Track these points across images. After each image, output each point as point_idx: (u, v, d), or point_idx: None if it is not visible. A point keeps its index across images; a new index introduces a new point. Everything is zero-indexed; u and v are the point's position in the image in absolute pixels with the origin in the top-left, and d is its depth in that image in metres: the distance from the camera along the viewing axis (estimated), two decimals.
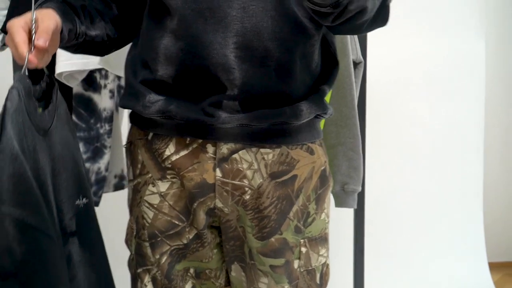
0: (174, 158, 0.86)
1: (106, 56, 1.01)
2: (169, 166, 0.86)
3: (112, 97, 1.34)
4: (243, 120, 0.81)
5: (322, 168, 0.88)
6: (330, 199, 0.90)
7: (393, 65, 2.28)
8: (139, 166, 0.89)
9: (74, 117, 1.30)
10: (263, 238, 0.86)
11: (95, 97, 1.31)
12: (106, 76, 1.32)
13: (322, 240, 0.89)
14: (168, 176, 0.86)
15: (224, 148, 0.84)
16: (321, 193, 0.88)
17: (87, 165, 1.30)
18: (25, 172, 0.70)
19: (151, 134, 0.87)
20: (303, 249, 0.87)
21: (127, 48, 0.95)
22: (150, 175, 0.88)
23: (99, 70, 1.29)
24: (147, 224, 0.88)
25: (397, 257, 2.35)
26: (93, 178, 1.32)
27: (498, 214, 2.76)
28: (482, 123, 2.54)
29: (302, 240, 0.87)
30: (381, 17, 0.80)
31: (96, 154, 1.31)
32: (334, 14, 0.70)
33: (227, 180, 0.84)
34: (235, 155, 0.84)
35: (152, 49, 0.84)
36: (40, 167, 0.76)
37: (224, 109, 0.81)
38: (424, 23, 2.32)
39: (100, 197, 1.34)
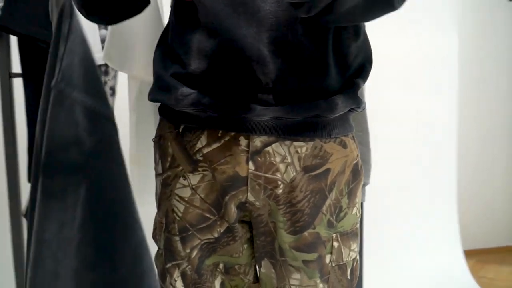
0: (205, 150, 0.84)
1: (109, 52, 0.97)
2: (201, 158, 0.84)
3: (112, 94, 1.29)
4: (277, 112, 0.79)
5: (355, 162, 0.87)
6: (362, 193, 0.90)
7: None
8: (169, 159, 0.87)
9: None
10: (296, 233, 0.85)
11: None
12: (106, 73, 1.27)
13: (353, 235, 0.89)
14: (200, 169, 0.84)
15: (258, 141, 0.82)
16: (353, 187, 0.87)
17: None
18: (92, 58, 0.64)
19: (182, 127, 0.85)
20: (335, 244, 0.86)
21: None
22: (181, 168, 0.85)
23: (99, 66, 1.24)
24: (177, 218, 0.86)
25: (375, 247, 2.39)
26: None
27: (471, 205, 2.85)
28: (456, 116, 2.60)
29: (334, 235, 0.86)
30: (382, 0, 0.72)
31: None
32: (305, 5, 0.65)
33: (260, 173, 0.83)
34: (268, 148, 0.82)
35: (183, 44, 0.82)
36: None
37: (258, 102, 0.79)
38: (397, 17, 2.35)
39: None
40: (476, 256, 2.83)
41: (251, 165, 0.82)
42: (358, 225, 0.89)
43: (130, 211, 0.65)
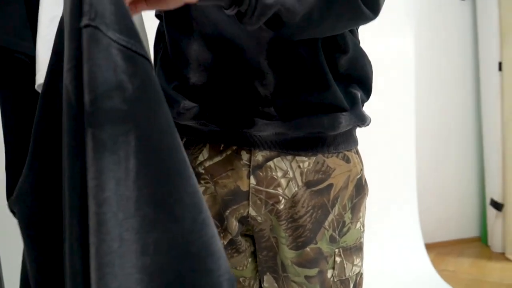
0: (207, 164, 0.82)
1: None
2: (203, 172, 0.83)
3: None
4: (279, 128, 0.78)
5: (358, 176, 0.86)
6: (366, 207, 0.89)
7: None
8: None
9: None
10: (297, 248, 0.83)
11: None
12: None
13: (356, 249, 0.88)
14: (202, 181, 0.83)
15: (259, 155, 0.80)
16: (356, 202, 0.86)
17: None
18: None
19: (184, 139, 0.84)
20: (338, 259, 0.85)
21: None
22: None
23: None
24: None
25: None
26: None
27: (429, 200, 2.93)
28: (413, 115, 2.67)
29: (336, 250, 0.85)
30: (341, 5, 0.67)
31: None
32: (246, 14, 0.62)
33: (261, 188, 0.81)
34: (270, 163, 0.81)
35: (181, 56, 0.80)
36: None
37: (260, 115, 0.78)
38: None
39: None
40: (436, 249, 2.90)
41: (252, 180, 0.81)
42: (362, 239, 0.89)
43: (181, 157, 0.58)
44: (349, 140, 0.85)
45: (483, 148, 3.00)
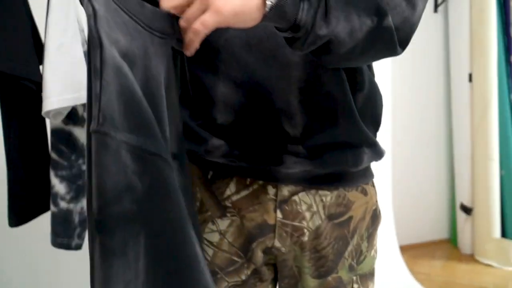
0: (234, 198, 0.85)
1: None
2: (230, 205, 0.86)
3: None
4: (307, 166, 0.82)
5: (374, 207, 0.92)
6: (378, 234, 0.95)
7: None
8: (198, 204, 0.87)
9: (54, 155, 1.19)
10: (320, 277, 0.88)
11: (76, 131, 1.21)
12: None
13: (370, 275, 0.94)
14: (228, 214, 0.86)
15: (285, 190, 0.84)
16: (372, 231, 0.92)
17: (70, 206, 1.21)
18: (132, 85, 0.56)
19: (211, 173, 0.86)
20: (355, 286, 0.91)
21: None
22: (209, 213, 0.86)
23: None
24: (206, 262, 0.87)
25: None
26: (76, 219, 1.22)
27: (403, 202, 3.03)
28: (390, 116, 2.72)
29: (354, 277, 0.90)
30: (383, 42, 0.71)
31: (79, 192, 1.22)
32: (299, 40, 0.66)
33: (287, 222, 0.85)
34: (295, 197, 0.85)
35: (206, 96, 0.82)
36: (151, 75, 0.62)
37: (289, 153, 0.82)
38: None
39: (83, 239, 1.25)
40: (409, 251, 3.00)
41: (279, 214, 0.85)
42: (374, 265, 0.95)
43: (193, 253, 0.58)
44: (367, 174, 0.91)
45: (454, 155, 3.13)
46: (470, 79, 2.92)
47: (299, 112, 0.80)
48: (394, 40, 0.71)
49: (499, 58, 2.83)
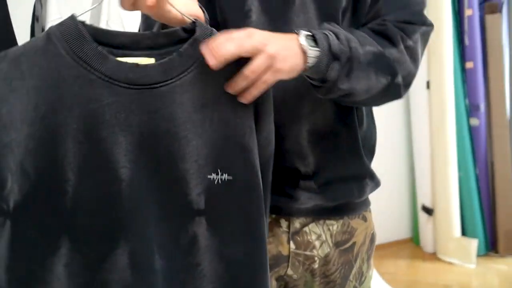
0: None
1: None
2: None
3: None
4: (318, 201, 0.89)
5: (372, 231, 1.00)
6: None
7: None
8: None
9: None
10: None
11: None
12: None
13: None
14: None
15: (297, 223, 0.91)
16: (370, 253, 1.00)
17: None
18: None
19: None
20: None
21: None
22: None
23: None
24: None
25: None
26: None
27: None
28: None
29: None
30: (391, 94, 0.84)
31: None
32: (324, 88, 0.77)
33: (300, 251, 0.92)
34: (306, 228, 0.91)
35: None
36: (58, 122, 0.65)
37: (301, 189, 0.88)
38: None
39: None
40: (374, 252, 3.12)
41: (292, 245, 0.91)
42: (370, 283, 1.02)
43: None
44: (366, 202, 0.99)
45: (414, 159, 3.28)
46: (428, 86, 3.06)
47: (310, 153, 0.87)
48: (400, 92, 0.84)
49: (454, 65, 2.99)
